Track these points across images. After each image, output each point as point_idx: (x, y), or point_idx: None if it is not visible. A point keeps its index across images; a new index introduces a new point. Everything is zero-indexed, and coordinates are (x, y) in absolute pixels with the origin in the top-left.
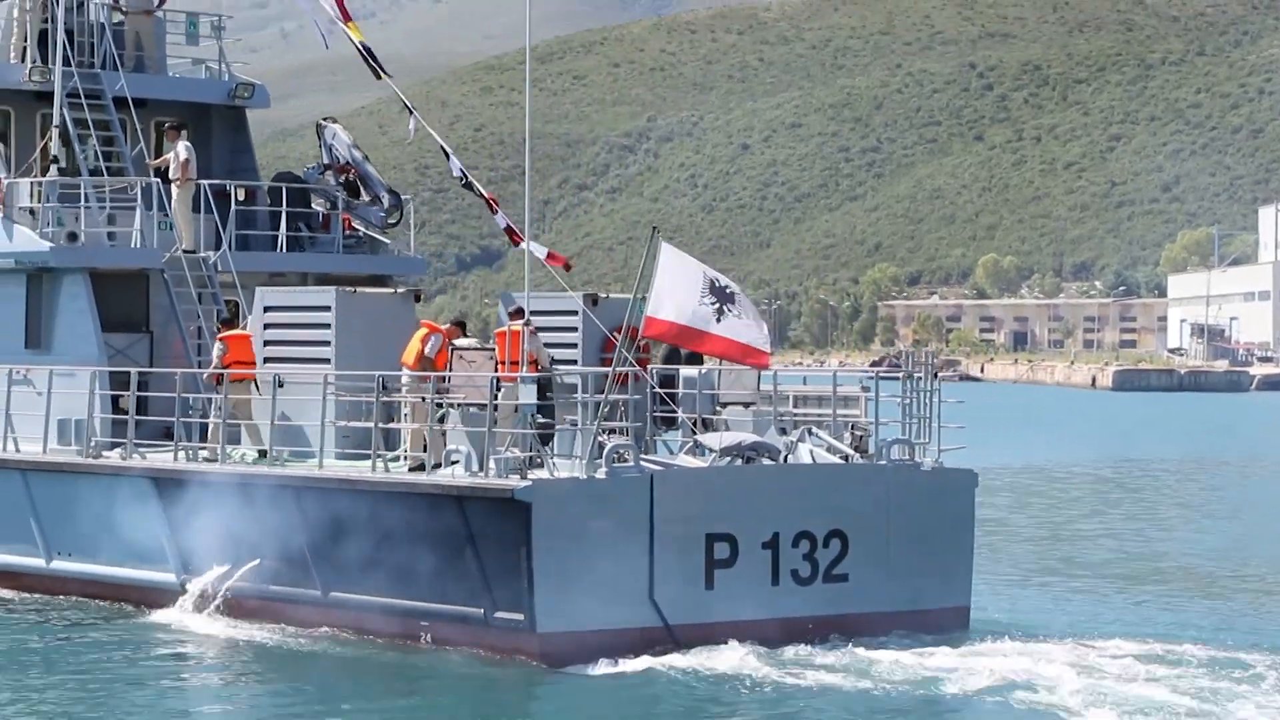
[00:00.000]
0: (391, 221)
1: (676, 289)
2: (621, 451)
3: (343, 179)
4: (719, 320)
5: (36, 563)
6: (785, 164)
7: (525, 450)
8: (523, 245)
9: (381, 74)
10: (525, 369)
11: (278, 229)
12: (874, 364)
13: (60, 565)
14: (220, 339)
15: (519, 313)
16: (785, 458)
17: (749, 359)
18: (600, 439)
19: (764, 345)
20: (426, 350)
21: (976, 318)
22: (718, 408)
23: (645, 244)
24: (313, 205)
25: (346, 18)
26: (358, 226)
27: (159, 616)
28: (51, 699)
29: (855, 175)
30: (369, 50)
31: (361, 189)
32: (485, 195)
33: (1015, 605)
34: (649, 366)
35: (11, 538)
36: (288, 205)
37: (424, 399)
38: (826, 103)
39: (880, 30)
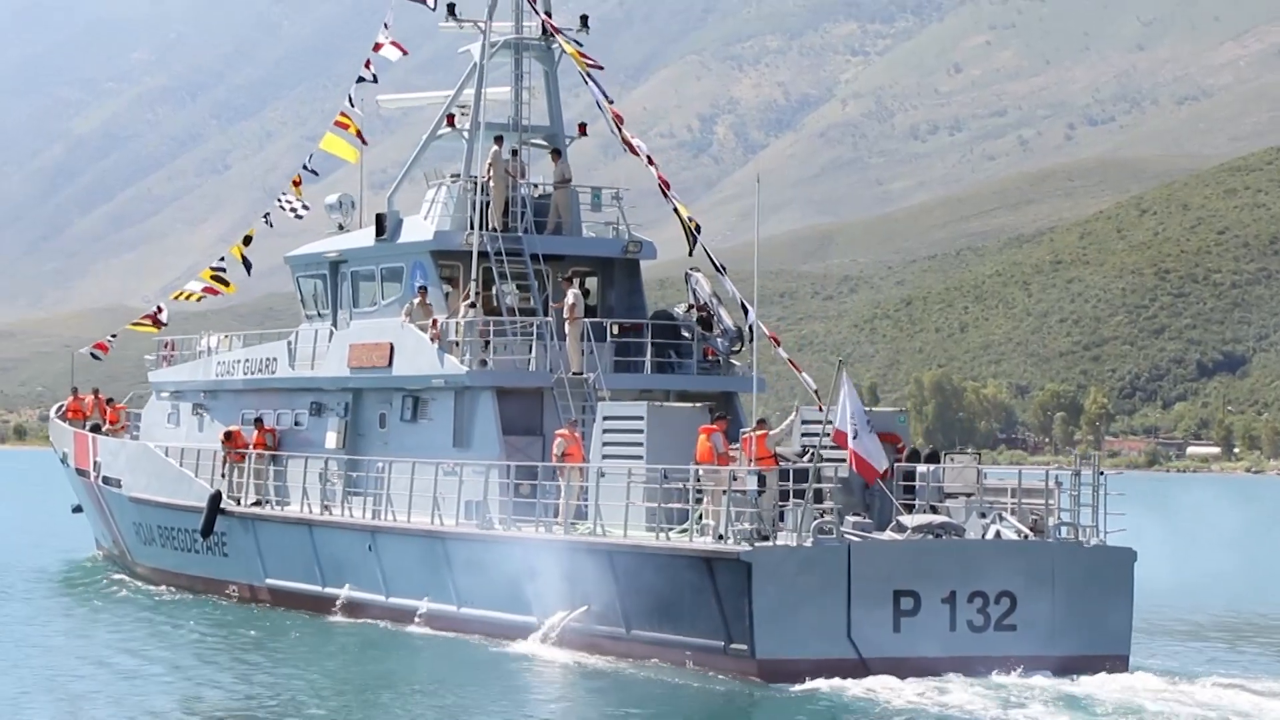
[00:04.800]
0: (735, 349)
1: (847, 408)
2: (826, 526)
3: (700, 316)
4: (854, 438)
5: (449, 609)
6: None
7: (754, 524)
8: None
9: (692, 249)
10: (754, 463)
11: (656, 355)
12: None
13: (465, 611)
14: (557, 434)
15: (762, 423)
16: (983, 535)
17: (863, 472)
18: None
19: (878, 464)
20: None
21: None
22: (944, 497)
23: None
24: (681, 336)
25: (667, 187)
26: (718, 353)
27: (519, 648)
28: (446, 703)
29: None
30: (693, 224)
31: (714, 324)
32: (785, 352)
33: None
34: (899, 464)
35: (434, 591)
36: (662, 337)
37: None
38: None
39: None
